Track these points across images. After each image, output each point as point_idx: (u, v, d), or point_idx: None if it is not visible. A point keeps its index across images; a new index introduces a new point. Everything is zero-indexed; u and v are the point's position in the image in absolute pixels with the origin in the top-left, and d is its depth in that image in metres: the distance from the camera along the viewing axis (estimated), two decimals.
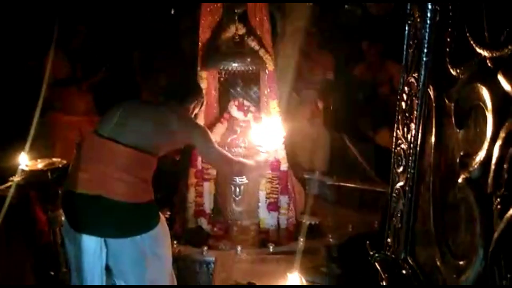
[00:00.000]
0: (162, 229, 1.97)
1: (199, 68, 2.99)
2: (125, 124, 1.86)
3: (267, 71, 2.97)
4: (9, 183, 2.41)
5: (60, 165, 2.45)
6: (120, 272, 1.87)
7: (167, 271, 2.03)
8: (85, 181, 1.79)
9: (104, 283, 1.87)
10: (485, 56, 0.69)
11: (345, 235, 2.86)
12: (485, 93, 0.69)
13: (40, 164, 2.48)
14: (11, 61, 3.53)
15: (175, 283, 2.14)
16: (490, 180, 0.70)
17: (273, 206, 3.07)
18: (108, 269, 1.89)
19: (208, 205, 3.17)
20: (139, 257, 1.86)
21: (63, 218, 2.41)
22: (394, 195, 1.15)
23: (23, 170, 2.42)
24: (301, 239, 2.78)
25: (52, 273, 2.57)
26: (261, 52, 2.91)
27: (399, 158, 1.12)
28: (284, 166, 3.08)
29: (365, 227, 2.93)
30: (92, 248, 1.79)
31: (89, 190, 1.79)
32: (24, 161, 2.48)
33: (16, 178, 2.40)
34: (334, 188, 3.61)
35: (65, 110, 3.63)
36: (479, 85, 0.71)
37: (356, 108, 3.88)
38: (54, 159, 2.55)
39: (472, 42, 0.72)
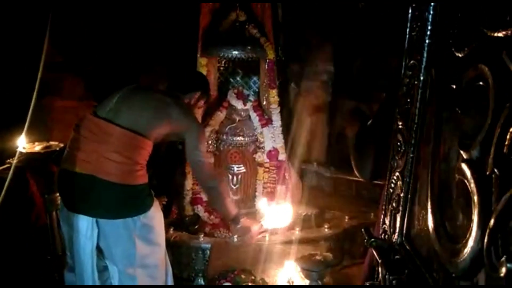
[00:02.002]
0: (155, 214, 1.97)
1: (198, 55, 2.98)
2: (123, 106, 1.86)
3: (267, 60, 2.96)
4: (7, 165, 2.41)
5: (57, 148, 2.45)
6: (110, 254, 1.88)
7: (159, 257, 2.02)
8: (79, 160, 1.80)
9: (95, 264, 1.88)
10: (490, 35, 0.69)
11: (341, 226, 2.88)
12: (488, 73, 0.69)
13: (37, 147, 2.48)
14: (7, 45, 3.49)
15: (170, 270, 2.14)
16: (490, 160, 0.70)
17: (270, 196, 3.08)
18: (100, 250, 1.90)
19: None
20: (130, 240, 1.86)
21: (59, 201, 2.41)
22: (392, 180, 1.15)
23: (21, 153, 2.42)
24: (297, 229, 2.79)
25: (48, 257, 2.57)
26: (262, 40, 2.89)
27: (398, 143, 1.12)
28: (282, 156, 3.09)
29: (361, 218, 2.94)
30: (84, 228, 1.80)
31: (83, 169, 1.79)
32: (23, 143, 2.47)
33: (14, 160, 2.39)
34: (331, 180, 3.62)
35: (62, 95, 3.60)
36: (482, 65, 0.71)
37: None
38: (52, 142, 2.55)
39: (477, 22, 0.72)
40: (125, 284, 1.90)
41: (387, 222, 1.19)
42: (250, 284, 2.36)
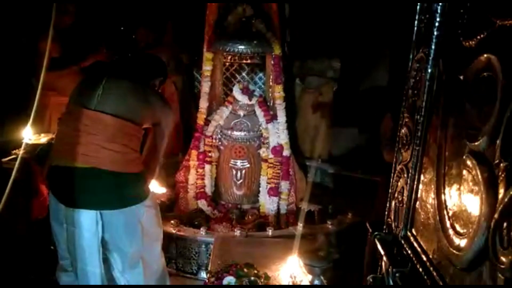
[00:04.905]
0: (153, 200, 2.04)
1: (204, 49, 2.98)
2: (110, 96, 1.85)
3: (273, 55, 2.95)
4: (13, 156, 2.42)
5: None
6: (116, 244, 1.89)
7: (161, 242, 2.10)
8: (76, 154, 1.78)
9: (101, 258, 1.88)
10: (500, 24, 0.68)
11: (344, 222, 2.88)
12: (497, 63, 0.69)
13: (43, 138, 2.50)
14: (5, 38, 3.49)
15: (162, 256, 2.19)
16: (497, 151, 0.69)
17: (274, 191, 3.08)
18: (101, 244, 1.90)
19: (209, 188, 3.19)
20: (136, 227, 1.89)
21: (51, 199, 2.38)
22: (397, 173, 1.15)
23: (27, 144, 2.43)
24: (300, 224, 2.79)
25: (52, 247, 2.58)
26: (269, 35, 2.89)
27: (404, 136, 1.12)
28: (286, 152, 3.09)
29: (364, 215, 2.93)
30: (88, 223, 1.79)
31: (82, 163, 1.78)
32: (28, 135, 2.49)
33: (20, 151, 2.40)
34: (335, 176, 3.62)
35: (60, 91, 3.56)
36: (491, 55, 0.71)
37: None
38: None
39: (487, 11, 0.71)
40: (128, 273, 1.92)
41: (391, 215, 1.19)
42: (252, 278, 2.36)
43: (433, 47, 0.90)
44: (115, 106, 1.83)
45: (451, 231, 0.86)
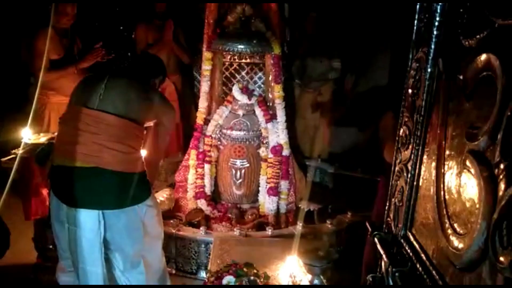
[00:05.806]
0: (154, 199, 2.05)
1: (204, 49, 2.98)
2: (112, 96, 1.84)
3: (273, 55, 2.95)
4: (12, 156, 2.42)
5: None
6: (118, 244, 1.89)
7: (162, 239, 2.12)
8: (78, 154, 1.78)
9: (103, 258, 1.89)
10: (498, 24, 0.68)
11: (344, 221, 2.88)
12: (496, 62, 0.69)
13: (43, 138, 2.49)
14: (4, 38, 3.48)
15: (163, 255, 2.21)
16: (497, 150, 0.69)
17: (273, 191, 3.08)
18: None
19: (208, 187, 3.19)
20: (138, 227, 1.90)
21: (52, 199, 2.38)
22: (396, 173, 1.15)
23: (26, 143, 2.43)
24: (300, 224, 2.79)
25: (51, 246, 2.58)
26: (268, 35, 2.89)
27: (403, 136, 1.12)
28: (286, 152, 3.09)
29: (363, 214, 2.93)
30: (90, 223, 1.79)
31: (85, 163, 1.78)
32: (28, 134, 2.48)
33: (19, 151, 2.40)
34: (334, 176, 3.62)
35: (59, 91, 3.55)
36: (491, 54, 0.71)
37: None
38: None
39: (486, 11, 0.71)
40: (129, 272, 1.93)
41: (390, 214, 1.19)
42: (252, 278, 2.36)
43: (432, 46, 0.90)
44: (117, 106, 1.83)
45: (450, 231, 0.86)
